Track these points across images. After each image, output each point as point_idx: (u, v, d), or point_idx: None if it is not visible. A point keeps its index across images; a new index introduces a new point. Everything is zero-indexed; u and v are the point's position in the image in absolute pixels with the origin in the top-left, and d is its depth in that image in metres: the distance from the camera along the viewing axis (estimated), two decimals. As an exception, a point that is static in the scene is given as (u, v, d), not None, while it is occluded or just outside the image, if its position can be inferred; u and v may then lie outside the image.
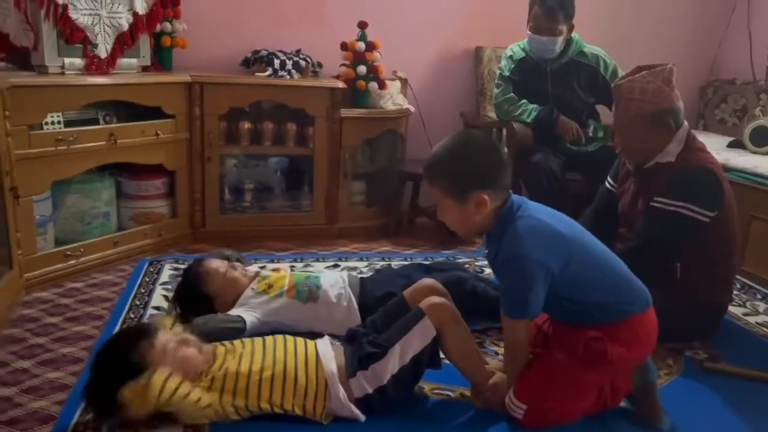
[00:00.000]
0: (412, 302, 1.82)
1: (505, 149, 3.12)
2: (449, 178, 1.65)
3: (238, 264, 2.26)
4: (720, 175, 2.10)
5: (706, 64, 4.00)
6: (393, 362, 1.68)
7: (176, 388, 1.55)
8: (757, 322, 2.43)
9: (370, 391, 1.68)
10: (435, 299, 1.77)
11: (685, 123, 2.13)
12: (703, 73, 4.00)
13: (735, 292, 2.54)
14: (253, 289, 2.15)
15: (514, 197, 1.69)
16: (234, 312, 2.07)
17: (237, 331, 1.98)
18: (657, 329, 1.73)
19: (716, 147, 2.91)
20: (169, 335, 1.70)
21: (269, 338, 1.80)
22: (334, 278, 2.24)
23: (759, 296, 2.68)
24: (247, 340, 1.81)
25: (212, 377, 1.64)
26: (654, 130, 2.07)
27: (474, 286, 2.20)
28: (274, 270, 2.33)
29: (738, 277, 2.64)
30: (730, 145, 3.25)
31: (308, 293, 2.14)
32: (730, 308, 2.35)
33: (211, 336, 1.85)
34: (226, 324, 2.00)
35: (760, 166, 2.85)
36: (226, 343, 1.80)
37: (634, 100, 2.06)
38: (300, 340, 1.81)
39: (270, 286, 2.15)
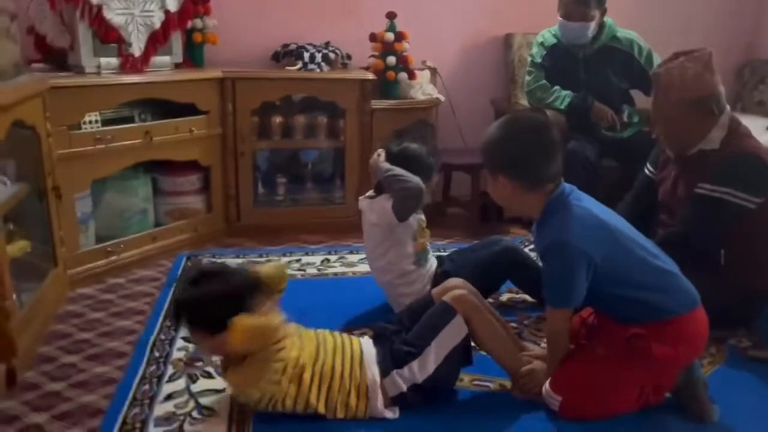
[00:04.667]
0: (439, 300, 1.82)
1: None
2: (483, 154, 1.76)
3: None
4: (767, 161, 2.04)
5: (742, 43, 3.90)
6: (429, 361, 1.69)
7: (281, 339, 1.61)
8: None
9: (405, 389, 1.69)
10: (458, 291, 1.79)
11: (728, 108, 2.08)
12: (740, 54, 3.89)
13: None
14: None
15: (565, 186, 1.69)
16: None
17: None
18: (707, 330, 1.70)
19: (755, 130, 2.80)
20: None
21: (320, 331, 1.79)
22: None
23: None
24: (303, 329, 1.77)
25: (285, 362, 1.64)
26: (697, 117, 2.03)
27: (524, 255, 2.32)
28: None
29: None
30: (770, 128, 3.16)
31: None
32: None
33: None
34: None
35: (803, 149, 2.76)
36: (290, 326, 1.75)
37: (674, 87, 2.02)
38: (346, 337, 1.81)
39: None
